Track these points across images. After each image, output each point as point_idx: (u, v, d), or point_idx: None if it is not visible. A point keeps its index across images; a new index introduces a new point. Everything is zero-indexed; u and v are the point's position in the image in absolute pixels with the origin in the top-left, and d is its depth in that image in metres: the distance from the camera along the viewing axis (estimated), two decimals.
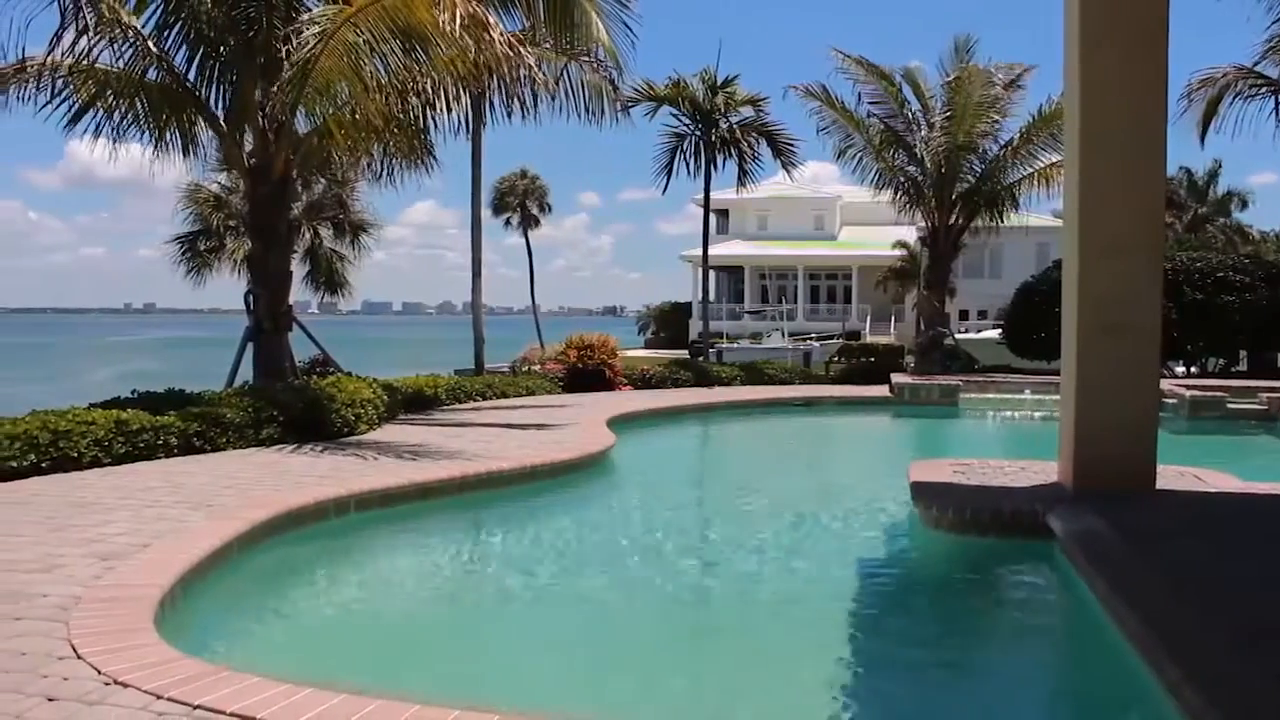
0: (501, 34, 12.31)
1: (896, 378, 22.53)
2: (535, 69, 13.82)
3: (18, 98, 13.97)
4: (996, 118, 24.52)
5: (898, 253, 47.11)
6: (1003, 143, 24.81)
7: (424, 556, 8.92)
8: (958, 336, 28.09)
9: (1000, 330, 29.27)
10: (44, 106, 13.86)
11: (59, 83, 13.82)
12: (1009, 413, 20.49)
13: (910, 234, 41.22)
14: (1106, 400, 9.17)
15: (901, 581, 8.43)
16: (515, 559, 8.92)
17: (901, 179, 25.28)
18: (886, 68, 24.85)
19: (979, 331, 37.69)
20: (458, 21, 11.69)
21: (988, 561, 8.40)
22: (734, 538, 9.82)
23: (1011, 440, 18.57)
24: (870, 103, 24.89)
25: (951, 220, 25.04)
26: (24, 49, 13.05)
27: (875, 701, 5.60)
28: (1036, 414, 19.62)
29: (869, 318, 53.55)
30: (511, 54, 12.51)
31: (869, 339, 41.92)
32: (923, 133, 24.90)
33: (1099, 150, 9.14)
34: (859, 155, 25.24)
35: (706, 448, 18.59)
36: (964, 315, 48.00)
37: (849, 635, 6.57)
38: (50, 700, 4.51)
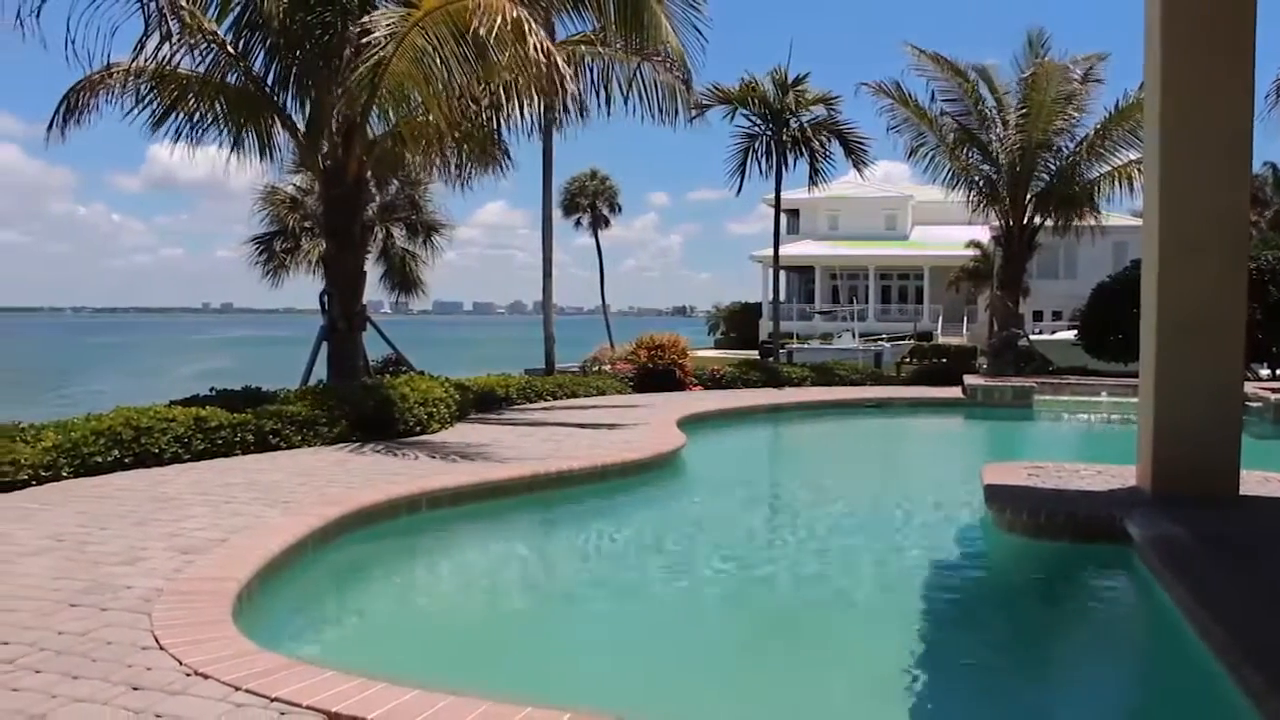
0: (538, 43, 12.22)
1: (969, 379, 22.26)
2: (568, 78, 13.74)
3: (106, 102, 14.34)
4: (1073, 113, 24.06)
5: (970, 253, 46.50)
6: (1078, 139, 24.36)
7: (494, 555, 8.98)
8: (1032, 337, 27.69)
9: (1075, 331, 28.74)
10: (130, 112, 14.26)
11: (143, 88, 14.17)
12: (1085, 415, 20.16)
13: (983, 233, 40.70)
14: (1187, 403, 8.97)
15: (975, 585, 8.32)
16: (585, 558, 8.96)
17: (975, 178, 24.93)
18: (960, 63, 24.53)
19: (1053, 333, 37.04)
20: (495, 28, 11.67)
21: (1063, 566, 8.26)
22: (805, 540, 9.77)
23: (1087, 443, 18.26)
24: (943, 100, 24.58)
25: (1026, 219, 24.65)
26: (109, 55, 13.37)
27: (950, 707, 5.54)
28: (1113, 417, 19.28)
29: (941, 318, 52.93)
30: (546, 62, 12.43)
31: (941, 340, 41.46)
32: (997, 130, 24.53)
33: (1181, 148, 8.93)
34: (931, 154, 24.92)
35: (777, 449, 18.51)
36: (1038, 316, 47.27)
37: (922, 639, 6.50)
38: (135, 689, 4.62)
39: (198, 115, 14.68)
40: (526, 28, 12.04)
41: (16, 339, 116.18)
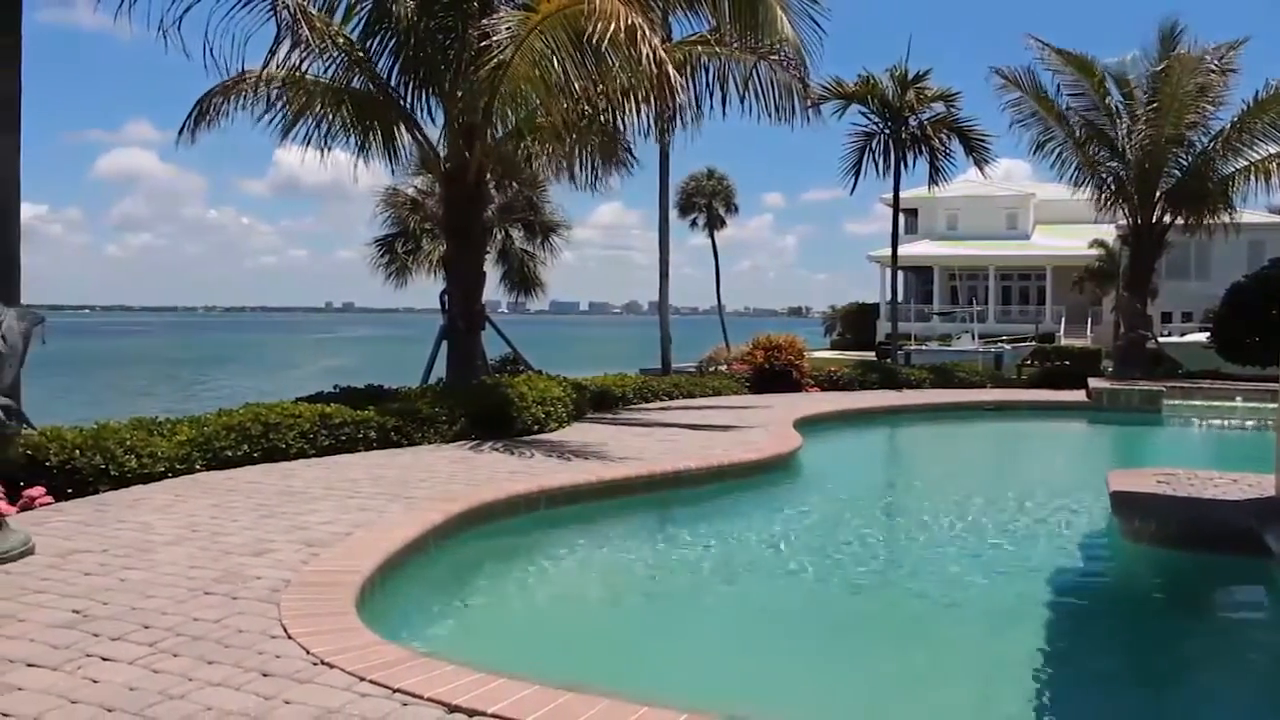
0: (652, 50, 12.19)
1: (1094, 382, 21.66)
2: (681, 87, 13.70)
3: (239, 108, 14.80)
4: (1207, 106, 23.14)
5: (1095, 252, 45.21)
6: (1213, 133, 23.46)
7: (611, 554, 9.03)
8: (1160, 340, 26.81)
9: (1208, 333, 27.73)
10: (260, 118, 14.71)
11: (273, 94, 14.59)
12: (1218, 421, 19.44)
13: (1109, 232, 39.52)
14: None
15: (1100, 595, 8.10)
16: (701, 558, 8.94)
17: (1102, 174, 24.24)
18: (1087, 57, 23.84)
19: (1183, 335, 35.84)
20: (609, 35, 11.70)
21: (1195, 578, 7.99)
22: (923, 545, 9.61)
23: (1221, 450, 17.60)
24: (1069, 95, 23.94)
25: (1155, 218, 23.88)
26: (244, 63, 13.79)
27: None
28: (1249, 422, 18.54)
29: (1063, 320, 51.53)
30: (657, 71, 12.41)
31: (1063, 342, 40.38)
32: (1125, 125, 23.80)
33: None
34: (1058, 149, 24.30)
35: (895, 451, 18.26)
36: (1166, 318, 45.69)
37: (1044, 649, 6.34)
38: (265, 676, 4.77)
39: (325, 120, 15.06)
40: (640, 34, 12.06)
41: (156, 338, 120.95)
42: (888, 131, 27.41)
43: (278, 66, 13.60)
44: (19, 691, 4.56)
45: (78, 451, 9.10)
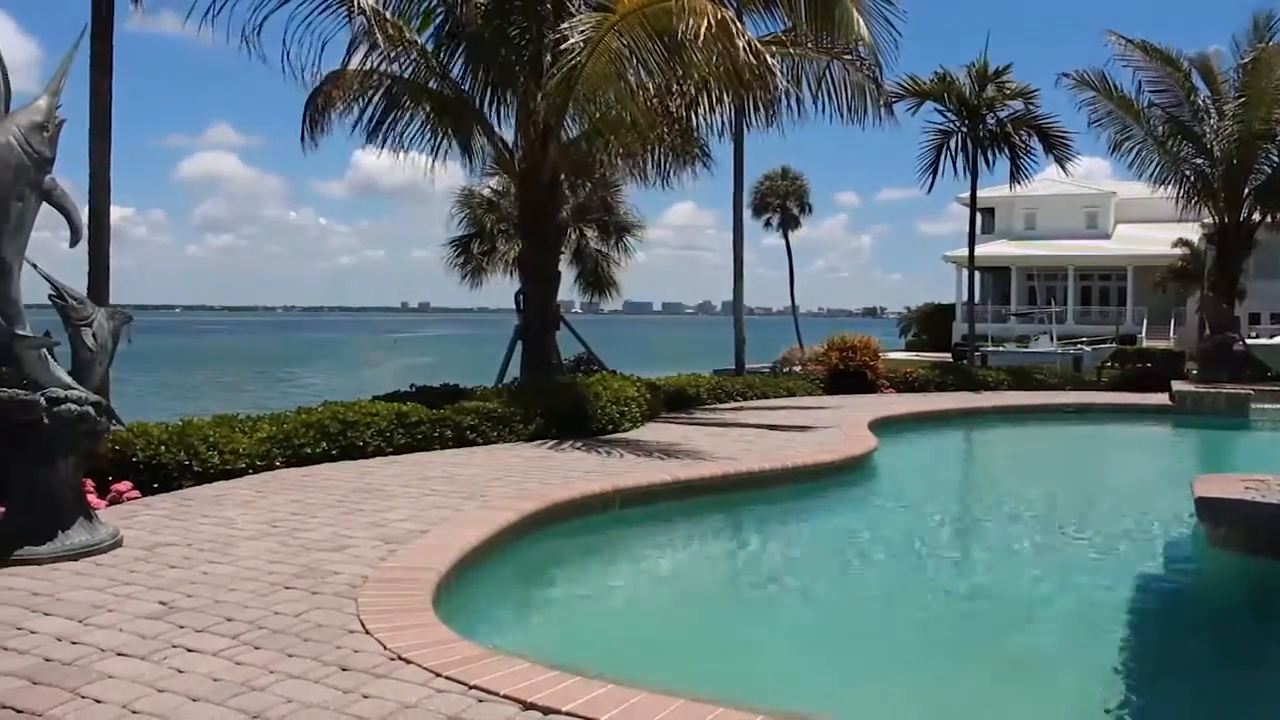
0: (749, 43, 12.19)
1: (1178, 385, 21.15)
2: (779, 77, 13.67)
3: (331, 111, 15.05)
4: None
5: (1179, 251, 44.19)
6: None
7: (686, 553, 9.03)
8: (1248, 341, 26.11)
9: None
10: (356, 122, 15.03)
11: (360, 96, 14.82)
12: None
13: (1193, 231, 38.62)
14: None
15: (1185, 604, 7.92)
16: (776, 559, 8.92)
17: (1186, 172, 23.68)
18: (1171, 51, 23.30)
19: (1272, 336, 34.89)
20: (702, 31, 11.69)
21: None
22: (1001, 550, 9.47)
23: None
24: (1151, 91, 23.45)
25: (1243, 216, 23.28)
26: (321, 69, 14.02)
27: None
28: None
29: (1145, 321, 50.42)
30: (756, 63, 12.38)
31: (1145, 343, 39.54)
32: (1212, 121, 23.21)
33: None
34: (1138, 148, 23.79)
35: (972, 454, 18.02)
36: (1254, 319, 44.45)
37: (1127, 659, 6.21)
38: (344, 670, 4.83)
39: (404, 121, 15.25)
40: (734, 28, 12.09)
41: (239, 336, 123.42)
42: (965, 130, 27.04)
43: (359, 69, 13.81)
44: (110, 680, 4.68)
45: (163, 447, 9.32)
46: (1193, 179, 23.65)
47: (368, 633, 5.35)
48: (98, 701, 4.43)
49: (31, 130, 6.79)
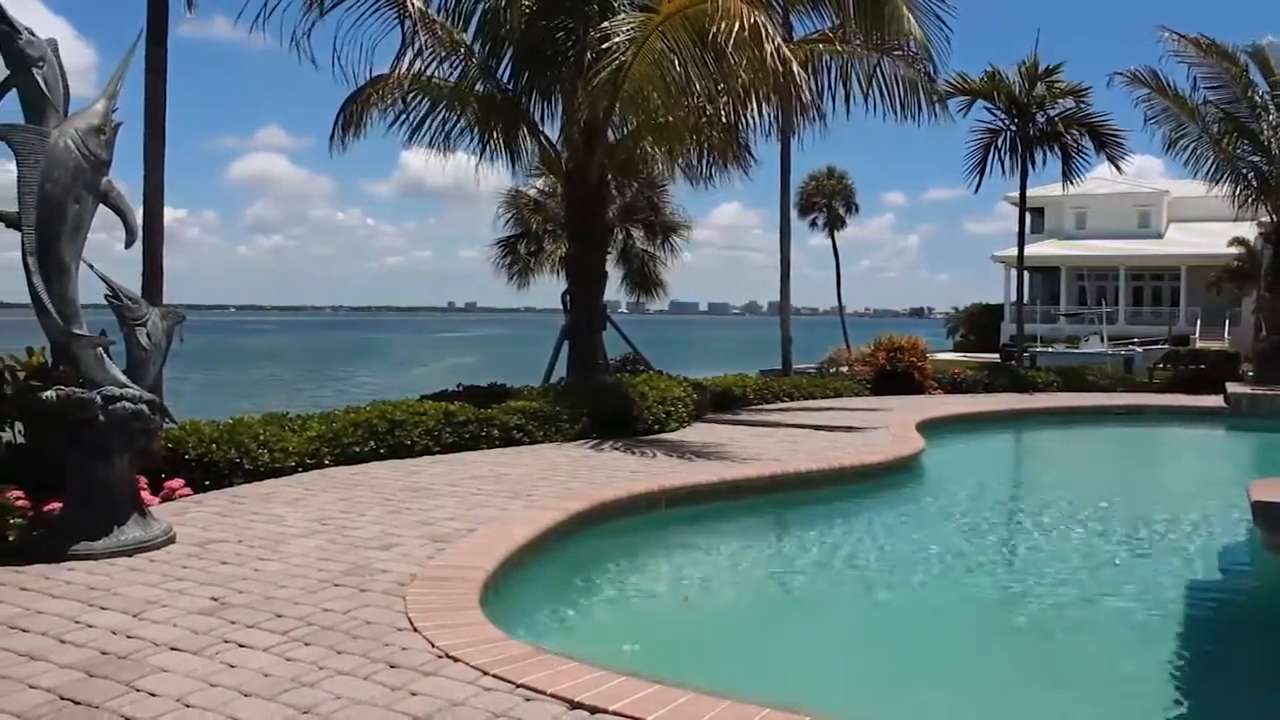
0: (775, 49, 12.09)
1: (1233, 387, 20.81)
2: (805, 85, 13.58)
3: (373, 113, 15.18)
4: None
5: (1234, 251, 43.49)
6: None
7: (733, 554, 9.00)
8: None
9: None
10: (392, 123, 15.14)
11: (402, 100, 14.93)
12: None
13: (1250, 230, 37.99)
14: None
15: (1241, 611, 7.79)
16: (823, 560, 8.86)
17: (1243, 170, 23.28)
18: (1227, 45, 22.90)
19: None
20: (734, 35, 11.64)
21: None
22: (1051, 553, 9.35)
23: None
24: (1207, 87, 23.03)
25: None
26: (370, 71, 14.14)
27: None
28: None
29: (1199, 321, 49.63)
30: (782, 70, 12.30)
31: (1198, 344, 38.95)
32: (1270, 118, 22.79)
33: None
34: (1192, 146, 23.42)
35: (1022, 456, 17.84)
36: None
37: (1182, 665, 6.12)
38: (392, 667, 4.87)
39: (450, 122, 15.34)
40: (764, 33, 12.01)
41: (289, 335, 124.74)
42: (1014, 128, 26.77)
43: (406, 71, 13.91)
44: (163, 674, 4.75)
45: (214, 445, 9.44)
46: (1249, 177, 23.24)
47: (416, 630, 5.38)
48: (152, 695, 4.50)
49: (89, 133, 6.91)
